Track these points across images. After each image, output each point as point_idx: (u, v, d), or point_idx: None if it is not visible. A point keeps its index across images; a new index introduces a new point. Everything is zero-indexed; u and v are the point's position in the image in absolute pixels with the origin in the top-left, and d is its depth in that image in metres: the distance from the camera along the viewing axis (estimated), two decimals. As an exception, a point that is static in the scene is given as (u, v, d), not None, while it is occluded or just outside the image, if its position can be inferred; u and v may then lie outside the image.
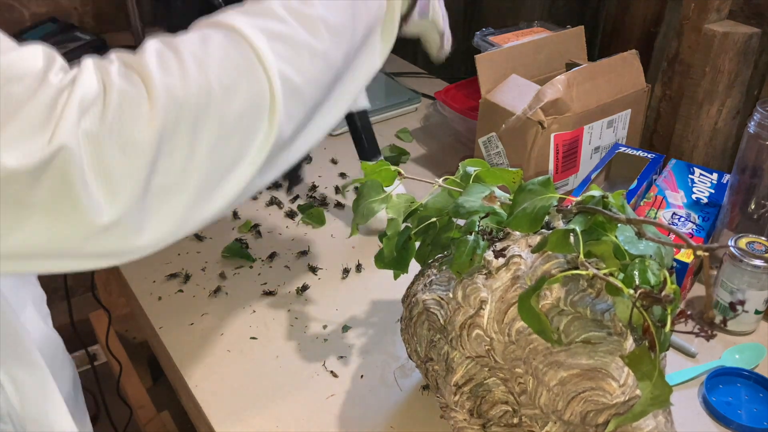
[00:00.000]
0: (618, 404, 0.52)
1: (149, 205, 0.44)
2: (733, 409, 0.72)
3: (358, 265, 0.92)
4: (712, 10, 0.99)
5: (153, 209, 0.44)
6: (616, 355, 0.52)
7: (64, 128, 0.39)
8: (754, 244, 0.80)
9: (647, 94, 1.04)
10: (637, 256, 0.51)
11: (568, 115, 0.93)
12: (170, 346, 0.80)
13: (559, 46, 1.07)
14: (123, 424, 1.31)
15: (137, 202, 0.43)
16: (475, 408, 0.61)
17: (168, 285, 0.89)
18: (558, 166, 0.97)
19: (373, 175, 0.69)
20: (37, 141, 0.39)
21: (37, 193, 0.39)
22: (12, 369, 0.54)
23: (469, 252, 0.59)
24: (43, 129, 0.39)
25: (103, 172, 0.41)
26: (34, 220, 0.40)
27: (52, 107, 0.39)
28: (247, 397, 0.74)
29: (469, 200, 0.61)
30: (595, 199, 0.54)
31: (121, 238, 0.43)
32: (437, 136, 1.25)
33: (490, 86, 1.00)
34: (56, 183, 0.39)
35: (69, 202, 0.40)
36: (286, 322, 0.83)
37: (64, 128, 0.39)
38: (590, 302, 0.54)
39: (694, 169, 0.98)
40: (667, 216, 0.89)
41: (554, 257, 0.57)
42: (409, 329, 0.66)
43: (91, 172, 0.40)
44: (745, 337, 0.82)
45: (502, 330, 0.57)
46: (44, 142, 0.39)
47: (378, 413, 0.72)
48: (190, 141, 0.44)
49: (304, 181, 1.09)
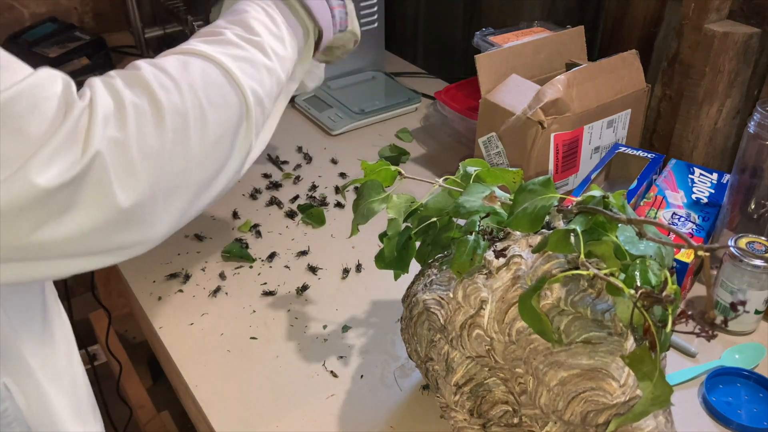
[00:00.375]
0: (618, 404, 0.52)
1: (160, 201, 0.50)
2: (733, 409, 0.72)
3: (358, 265, 0.92)
4: (712, 10, 0.99)
5: (163, 204, 0.50)
6: (617, 355, 0.52)
7: (94, 137, 0.45)
8: (754, 244, 0.80)
9: (647, 94, 1.04)
10: (638, 257, 0.51)
11: (568, 115, 0.93)
12: (170, 346, 0.80)
13: (559, 46, 1.07)
14: (123, 424, 1.31)
15: (152, 197, 0.49)
16: (475, 408, 0.61)
17: (168, 285, 0.89)
18: (558, 166, 0.97)
19: (373, 175, 0.69)
20: (72, 155, 0.44)
21: (77, 199, 0.45)
22: (17, 376, 0.55)
23: (469, 252, 0.59)
24: (76, 144, 0.44)
25: (127, 172, 0.47)
26: (72, 223, 0.45)
27: (79, 124, 0.45)
28: (247, 397, 0.74)
29: (469, 200, 0.61)
30: (595, 199, 0.54)
31: (139, 230, 0.50)
32: (437, 136, 1.25)
33: (490, 86, 1.00)
34: (94, 186, 0.45)
35: (104, 200, 0.46)
36: (286, 322, 0.83)
37: (95, 137, 0.45)
38: (591, 302, 0.54)
39: (694, 169, 0.98)
40: (667, 216, 0.90)
41: (555, 257, 0.57)
42: (409, 329, 0.66)
43: (117, 173, 0.46)
44: (745, 337, 0.82)
45: (503, 330, 0.57)
46: (78, 155, 0.44)
47: (378, 413, 0.72)
48: (190, 146, 0.52)
49: (304, 180, 1.09)
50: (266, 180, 1.10)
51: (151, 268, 0.92)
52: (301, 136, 1.23)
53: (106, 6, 1.59)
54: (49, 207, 0.44)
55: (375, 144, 1.21)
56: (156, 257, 0.93)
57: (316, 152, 1.18)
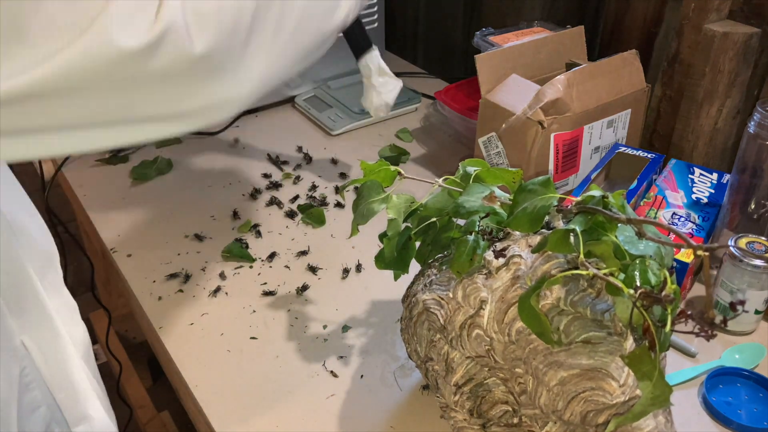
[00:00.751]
0: (618, 404, 0.52)
1: (245, 55, 0.48)
2: (733, 409, 0.72)
3: (358, 265, 0.92)
4: (712, 10, 0.99)
5: (248, 59, 0.49)
6: (616, 355, 0.52)
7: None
8: (754, 244, 0.80)
9: (647, 94, 1.04)
10: (638, 256, 0.51)
11: (568, 115, 0.93)
12: (170, 346, 0.80)
13: (559, 46, 1.07)
14: (123, 424, 1.31)
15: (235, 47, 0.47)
16: (475, 408, 0.61)
17: (168, 285, 0.89)
18: (558, 166, 0.97)
19: (373, 175, 0.69)
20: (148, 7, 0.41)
21: (154, 53, 0.42)
22: (35, 333, 0.54)
23: (469, 252, 0.59)
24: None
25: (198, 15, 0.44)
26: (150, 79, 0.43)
27: None
28: (247, 397, 0.74)
29: (469, 200, 0.61)
30: (595, 199, 0.54)
31: (221, 82, 0.47)
32: (437, 136, 1.25)
33: (490, 86, 1.00)
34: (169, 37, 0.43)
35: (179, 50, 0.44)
36: (286, 322, 0.84)
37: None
38: (590, 302, 0.54)
39: (694, 169, 0.98)
40: (667, 216, 0.90)
41: (554, 257, 0.57)
42: (409, 329, 0.66)
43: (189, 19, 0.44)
44: (745, 337, 0.82)
45: (502, 330, 0.57)
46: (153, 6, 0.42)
47: (378, 413, 0.72)
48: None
49: (304, 180, 1.09)
50: (266, 180, 1.10)
51: (151, 268, 0.92)
52: (301, 136, 1.23)
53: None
54: (131, 65, 0.42)
55: (375, 144, 1.21)
56: (156, 257, 0.94)
57: (316, 152, 1.18)
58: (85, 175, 1.11)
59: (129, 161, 1.15)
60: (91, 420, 0.61)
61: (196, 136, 1.22)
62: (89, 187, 1.08)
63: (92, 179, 1.10)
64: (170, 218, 1.02)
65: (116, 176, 1.11)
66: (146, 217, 1.02)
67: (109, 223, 1.00)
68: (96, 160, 1.15)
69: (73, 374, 0.58)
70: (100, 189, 1.08)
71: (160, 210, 1.03)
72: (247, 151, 1.19)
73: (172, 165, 1.14)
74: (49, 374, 0.56)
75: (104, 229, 0.99)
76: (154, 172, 1.12)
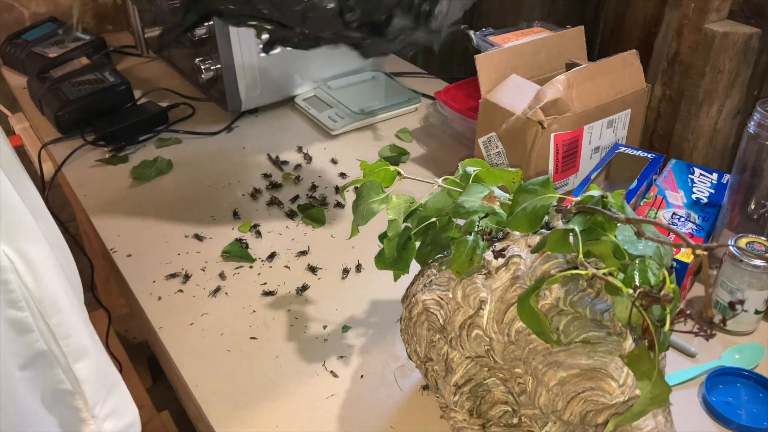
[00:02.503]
0: (617, 404, 0.52)
1: None
2: (733, 409, 0.72)
3: (358, 265, 0.92)
4: (712, 10, 0.99)
5: None
6: (616, 354, 0.52)
7: None
8: (754, 244, 0.80)
9: (647, 94, 1.04)
10: (637, 256, 0.51)
11: (568, 115, 0.93)
12: (170, 346, 0.80)
13: (559, 46, 1.07)
14: (123, 424, 1.31)
15: None
16: (474, 408, 0.61)
17: (168, 285, 0.89)
18: (558, 166, 0.97)
19: (373, 175, 0.69)
20: None
21: None
22: (20, 244, 0.50)
23: (468, 252, 0.59)
24: None
25: None
26: None
27: None
28: (247, 397, 0.74)
29: (468, 200, 0.61)
30: (594, 199, 0.54)
31: None
32: (437, 136, 1.25)
33: (490, 86, 1.00)
34: None
35: None
36: (286, 322, 0.84)
37: None
38: (589, 302, 0.54)
39: (694, 169, 0.98)
40: (667, 216, 0.90)
41: (553, 257, 0.57)
42: (409, 329, 0.66)
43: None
44: (745, 337, 0.82)
45: (502, 330, 0.57)
46: None
47: (378, 413, 0.72)
48: None
49: (304, 180, 1.09)
50: (266, 180, 1.10)
51: (151, 268, 0.92)
52: (301, 136, 1.23)
53: (107, 6, 1.59)
54: None
55: (375, 144, 1.21)
56: (156, 257, 0.94)
57: (316, 152, 1.18)
58: (85, 175, 1.11)
59: (129, 161, 1.15)
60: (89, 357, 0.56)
61: (196, 136, 1.22)
62: (89, 187, 1.08)
63: (92, 179, 1.10)
64: (170, 218, 1.02)
65: (116, 176, 1.11)
66: (146, 217, 1.02)
67: (109, 223, 1.00)
68: (96, 160, 1.15)
69: (59, 293, 0.52)
70: (100, 189, 1.08)
71: (160, 210, 1.03)
72: (247, 151, 1.19)
73: (172, 165, 1.14)
74: (39, 290, 0.50)
75: (104, 229, 0.99)
76: (154, 172, 1.12)
